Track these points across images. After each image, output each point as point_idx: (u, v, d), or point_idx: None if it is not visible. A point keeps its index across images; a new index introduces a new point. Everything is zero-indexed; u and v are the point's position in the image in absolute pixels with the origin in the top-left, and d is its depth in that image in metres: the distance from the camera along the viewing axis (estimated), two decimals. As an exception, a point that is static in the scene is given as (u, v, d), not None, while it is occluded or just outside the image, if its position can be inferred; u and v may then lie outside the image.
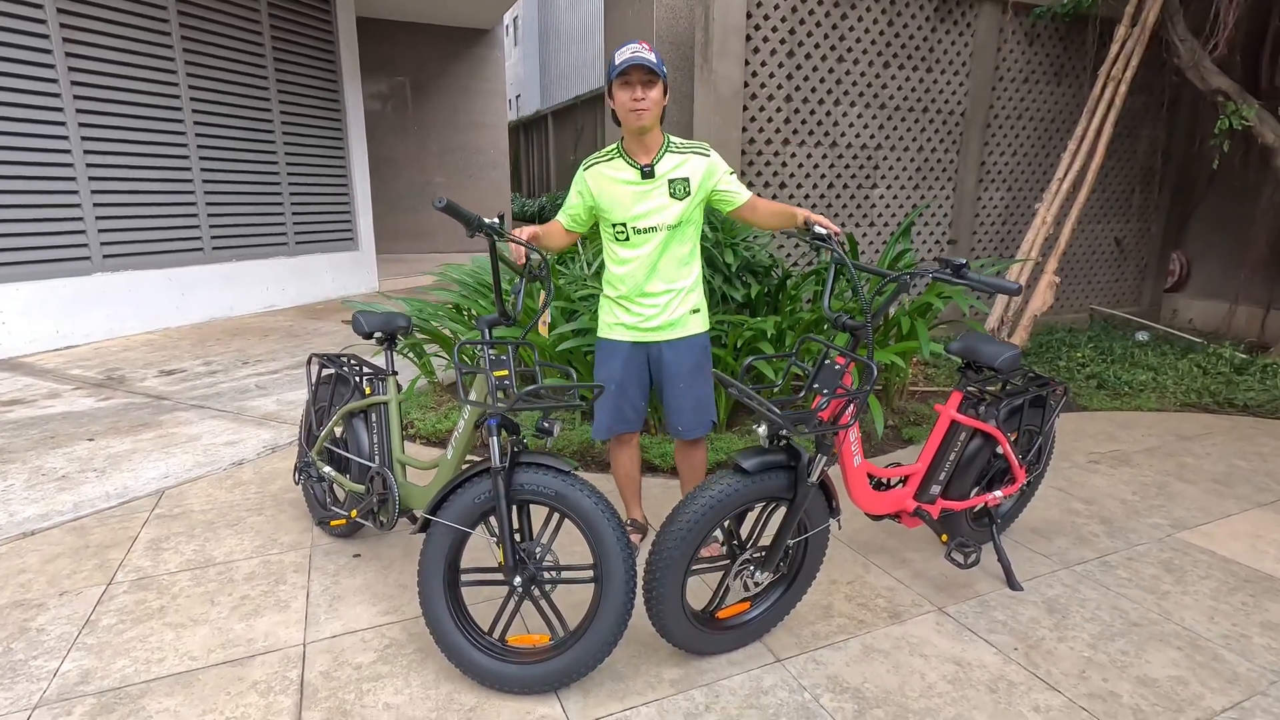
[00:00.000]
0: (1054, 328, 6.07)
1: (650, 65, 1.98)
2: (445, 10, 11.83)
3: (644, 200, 2.13)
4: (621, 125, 2.11)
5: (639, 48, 2.01)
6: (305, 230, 7.60)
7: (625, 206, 2.14)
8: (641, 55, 1.99)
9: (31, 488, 2.98)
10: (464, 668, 1.80)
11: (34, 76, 5.13)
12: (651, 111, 2.04)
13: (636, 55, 1.98)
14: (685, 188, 2.13)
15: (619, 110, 2.07)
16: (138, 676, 1.86)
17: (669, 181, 2.12)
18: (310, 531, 2.65)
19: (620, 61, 2.00)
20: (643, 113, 2.03)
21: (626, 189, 2.14)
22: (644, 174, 2.12)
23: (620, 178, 2.14)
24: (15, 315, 5.13)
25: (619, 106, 2.06)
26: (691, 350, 2.26)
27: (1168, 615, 2.21)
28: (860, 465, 2.06)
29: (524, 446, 1.85)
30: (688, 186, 2.13)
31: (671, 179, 2.12)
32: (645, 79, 2.01)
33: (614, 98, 2.06)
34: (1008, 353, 2.17)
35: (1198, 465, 3.45)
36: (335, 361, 2.51)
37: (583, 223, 2.27)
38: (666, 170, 2.13)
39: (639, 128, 2.06)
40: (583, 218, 2.25)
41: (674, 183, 2.12)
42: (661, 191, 2.12)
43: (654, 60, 2.00)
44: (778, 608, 2.02)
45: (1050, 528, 2.78)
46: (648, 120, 2.05)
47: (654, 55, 2.02)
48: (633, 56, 1.98)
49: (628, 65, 1.99)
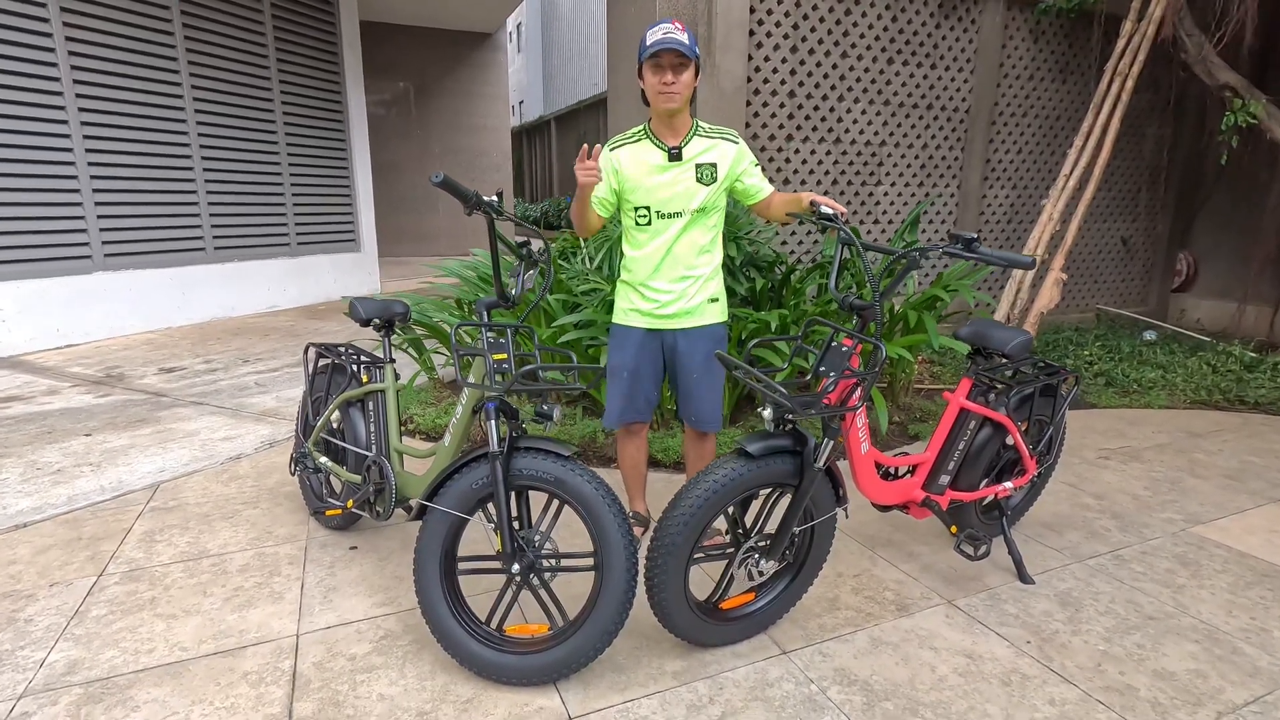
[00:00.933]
0: (1060, 327, 6.01)
1: (682, 49, 1.92)
2: (448, 14, 11.86)
3: (670, 184, 2.07)
4: (650, 106, 2.06)
5: (671, 28, 1.94)
6: (307, 231, 7.58)
7: (650, 190, 2.08)
8: (674, 36, 1.92)
9: (26, 481, 2.94)
10: (460, 658, 1.75)
11: (37, 75, 5.12)
12: (682, 95, 1.98)
13: (669, 37, 1.92)
14: (712, 173, 2.07)
15: (648, 92, 2.02)
16: (126, 667, 1.81)
17: (696, 166, 2.07)
18: (306, 524, 2.60)
19: (651, 43, 1.94)
20: (673, 95, 1.98)
21: (653, 171, 2.08)
22: (671, 156, 2.06)
23: (647, 159, 2.08)
24: (16, 313, 5.11)
25: (648, 88, 2.01)
26: (707, 339, 2.20)
27: (1184, 609, 2.15)
28: (868, 453, 2.01)
29: (523, 431, 1.80)
30: (714, 172, 2.08)
31: (699, 163, 2.07)
32: (676, 62, 1.95)
33: (643, 79, 2.01)
34: (1018, 338, 2.12)
35: (1210, 461, 3.39)
36: (332, 350, 2.47)
37: (610, 206, 2.17)
38: (694, 154, 2.08)
39: (668, 110, 2.01)
40: (610, 201, 2.16)
41: (701, 167, 2.07)
42: (688, 175, 2.07)
43: (686, 42, 1.93)
44: (783, 599, 1.97)
45: (1061, 522, 2.72)
46: (677, 104, 2.00)
47: (687, 36, 1.95)
48: (664, 38, 1.92)
49: (659, 48, 1.93)
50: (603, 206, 2.17)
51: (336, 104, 7.81)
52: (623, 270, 2.24)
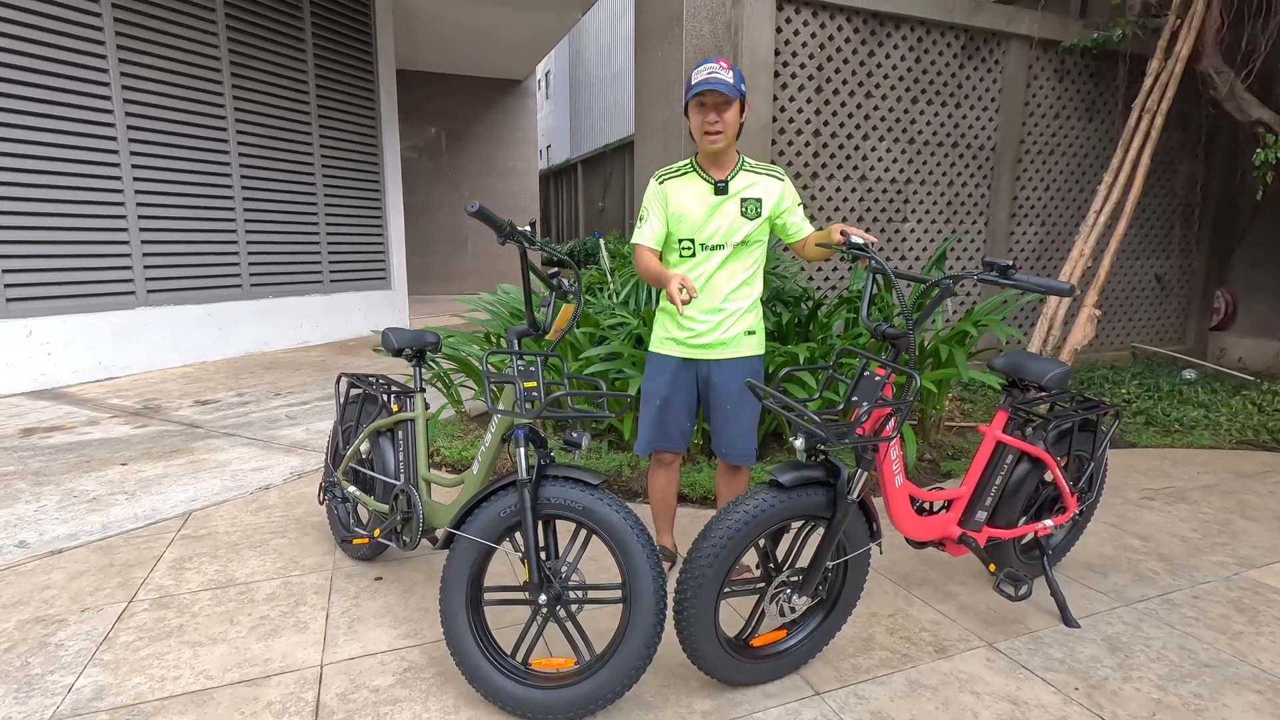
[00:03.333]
0: (1095, 365, 5.88)
1: (724, 88, 1.95)
2: (480, 63, 12.31)
3: (715, 216, 2.10)
4: (696, 142, 2.10)
5: (716, 67, 1.98)
6: (340, 269, 7.78)
7: (697, 223, 2.10)
8: (718, 76, 1.96)
9: (63, 509, 3.00)
10: (485, 691, 1.72)
11: (94, 122, 5.40)
12: (726, 135, 2.02)
13: (713, 76, 1.95)
14: (757, 208, 2.10)
15: (694, 130, 2.06)
16: (152, 694, 1.80)
17: (742, 200, 2.10)
18: (332, 554, 2.60)
19: (696, 83, 1.98)
20: (716, 136, 2.01)
21: (700, 204, 2.10)
22: (717, 189, 2.09)
23: (694, 192, 2.11)
24: (61, 346, 5.28)
25: (694, 127, 2.05)
26: (742, 371, 2.19)
27: (1242, 656, 2.04)
28: (902, 486, 1.96)
29: (551, 459, 1.80)
30: (759, 207, 2.10)
31: (744, 198, 2.10)
32: (719, 101, 1.98)
33: (689, 117, 2.05)
34: (1056, 369, 2.07)
35: (1260, 503, 3.25)
36: (364, 380, 2.51)
37: (661, 239, 2.18)
38: (740, 188, 2.11)
39: (713, 150, 2.05)
40: (661, 233, 2.17)
41: (746, 202, 2.09)
42: (734, 208, 2.10)
43: (730, 81, 1.96)
44: (816, 636, 1.90)
45: (1105, 564, 2.62)
46: (721, 143, 2.03)
47: (731, 75, 1.98)
48: (709, 78, 1.95)
49: (703, 88, 1.96)
50: (660, 243, 2.20)
51: (372, 149, 8.09)
52: (662, 298, 2.25)
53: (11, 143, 4.96)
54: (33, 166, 5.07)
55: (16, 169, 4.99)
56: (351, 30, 7.70)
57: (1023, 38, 5.15)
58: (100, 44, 5.39)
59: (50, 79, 5.12)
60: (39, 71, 5.07)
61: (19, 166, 5.00)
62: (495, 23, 10.36)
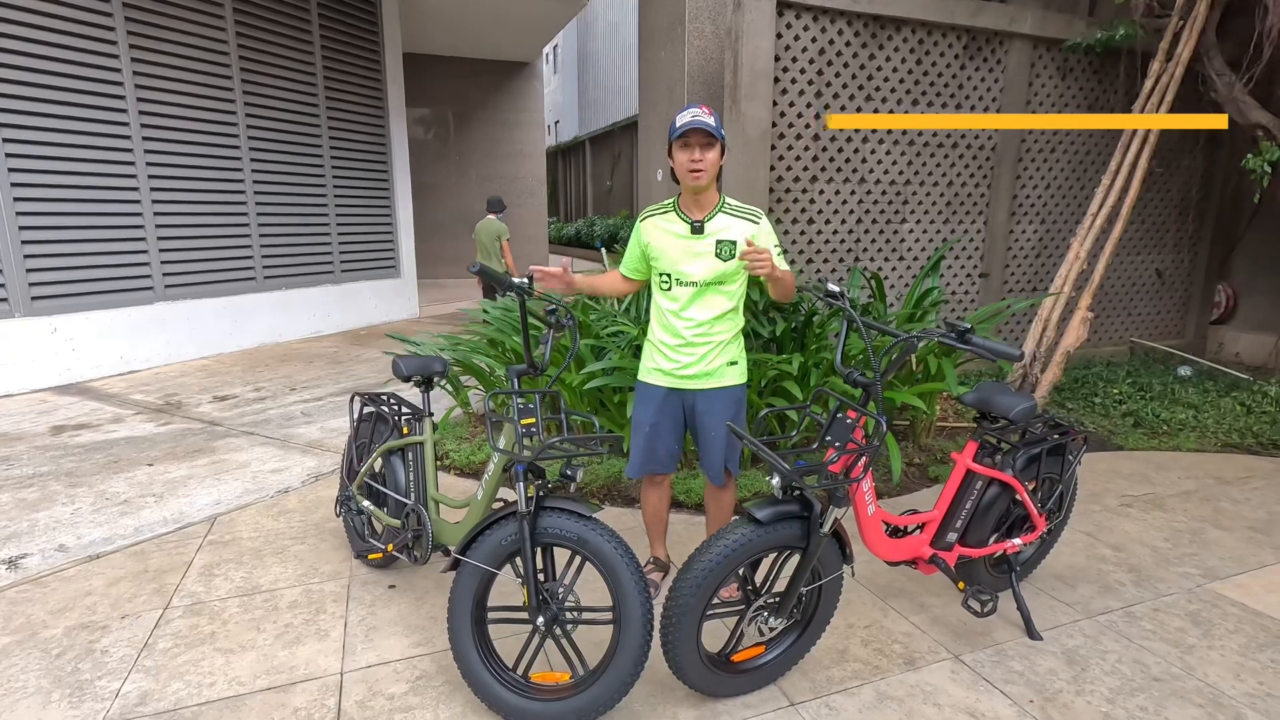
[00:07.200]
0: (1092, 361, 5.97)
1: (709, 130, 2.11)
2: (487, 45, 12.26)
3: (689, 254, 2.25)
4: (679, 183, 2.24)
5: (699, 111, 2.14)
6: (350, 259, 7.93)
7: (672, 259, 2.27)
8: (701, 119, 2.11)
9: (97, 511, 3.20)
10: (489, 702, 1.90)
11: (109, 122, 5.53)
12: (708, 172, 2.17)
13: (697, 119, 2.11)
14: (731, 250, 2.23)
15: (678, 169, 2.21)
16: (190, 700, 2.00)
17: (717, 241, 2.23)
18: (349, 561, 2.79)
19: (681, 124, 2.13)
20: (700, 174, 2.15)
21: (676, 242, 2.27)
22: (694, 229, 2.24)
23: (671, 230, 2.28)
24: (85, 342, 5.48)
25: (678, 166, 2.20)
26: (725, 401, 2.34)
27: (1190, 670, 2.19)
28: (875, 514, 2.11)
29: (549, 491, 1.96)
30: (733, 249, 2.23)
31: (720, 239, 2.23)
32: (703, 141, 2.14)
33: (673, 158, 2.20)
34: (1022, 404, 2.20)
35: (1236, 511, 3.38)
36: (376, 400, 2.67)
37: (642, 272, 2.43)
38: (716, 230, 2.24)
39: (695, 187, 2.19)
40: (641, 268, 2.41)
41: (721, 244, 2.23)
42: (707, 248, 2.24)
43: (713, 124, 2.12)
44: (792, 652, 2.08)
45: (1075, 574, 2.77)
46: (704, 180, 2.17)
47: (713, 119, 2.14)
48: (693, 120, 2.11)
49: (688, 129, 2.12)
50: (636, 272, 2.42)
51: (380, 135, 8.17)
52: (649, 330, 2.40)
53: (31, 144, 5.10)
54: (52, 168, 5.22)
55: (37, 170, 5.14)
56: (358, 19, 7.73)
57: (1025, 37, 5.15)
58: (113, 44, 5.49)
59: (66, 80, 5.24)
60: (56, 74, 5.19)
61: (39, 168, 5.15)
62: (502, 6, 10.32)
